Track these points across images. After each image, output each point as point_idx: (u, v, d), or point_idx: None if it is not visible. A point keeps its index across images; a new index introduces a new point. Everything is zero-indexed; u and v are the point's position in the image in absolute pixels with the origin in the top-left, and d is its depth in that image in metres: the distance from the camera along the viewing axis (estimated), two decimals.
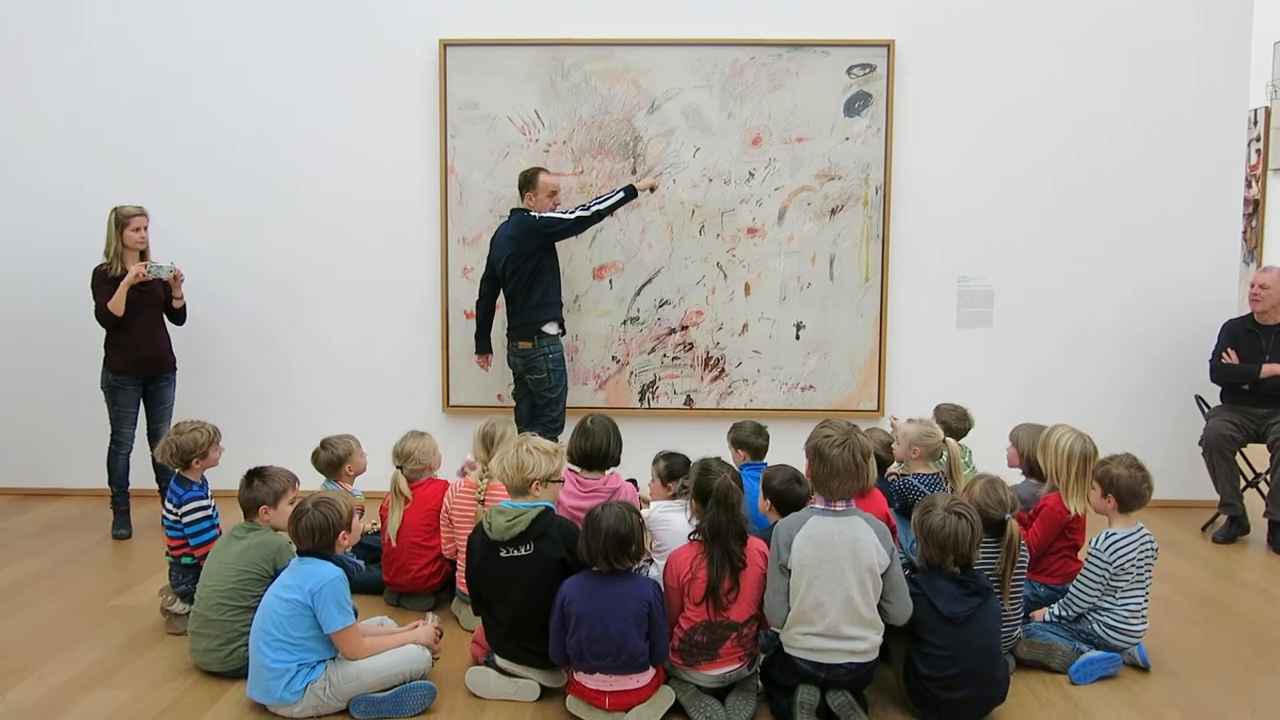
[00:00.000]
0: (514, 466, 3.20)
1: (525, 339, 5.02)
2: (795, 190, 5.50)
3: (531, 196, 5.02)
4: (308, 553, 3.10)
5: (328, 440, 4.18)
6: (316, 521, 3.07)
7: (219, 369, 5.64)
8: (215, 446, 3.86)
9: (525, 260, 4.94)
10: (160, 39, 5.51)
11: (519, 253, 4.94)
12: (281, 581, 3.08)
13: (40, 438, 5.73)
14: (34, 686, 3.23)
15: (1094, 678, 3.27)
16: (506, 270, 4.99)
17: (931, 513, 3.01)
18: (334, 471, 4.15)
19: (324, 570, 3.03)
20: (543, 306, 5.01)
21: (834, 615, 2.84)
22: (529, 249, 4.94)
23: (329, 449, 4.15)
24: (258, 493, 3.39)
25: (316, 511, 3.08)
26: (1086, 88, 5.46)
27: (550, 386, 5.05)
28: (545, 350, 5.02)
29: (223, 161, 5.57)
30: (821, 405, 5.57)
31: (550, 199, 5.06)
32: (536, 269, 4.96)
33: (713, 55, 5.43)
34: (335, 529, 3.10)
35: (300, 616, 2.99)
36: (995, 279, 5.59)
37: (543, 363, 5.02)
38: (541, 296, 5.00)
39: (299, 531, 3.10)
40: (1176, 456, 5.34)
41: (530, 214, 4.97)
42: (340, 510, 3.12)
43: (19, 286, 5.65)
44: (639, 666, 2.92)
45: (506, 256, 4.98)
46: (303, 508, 3.11)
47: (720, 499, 2.95)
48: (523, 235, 4.94)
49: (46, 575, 4.37)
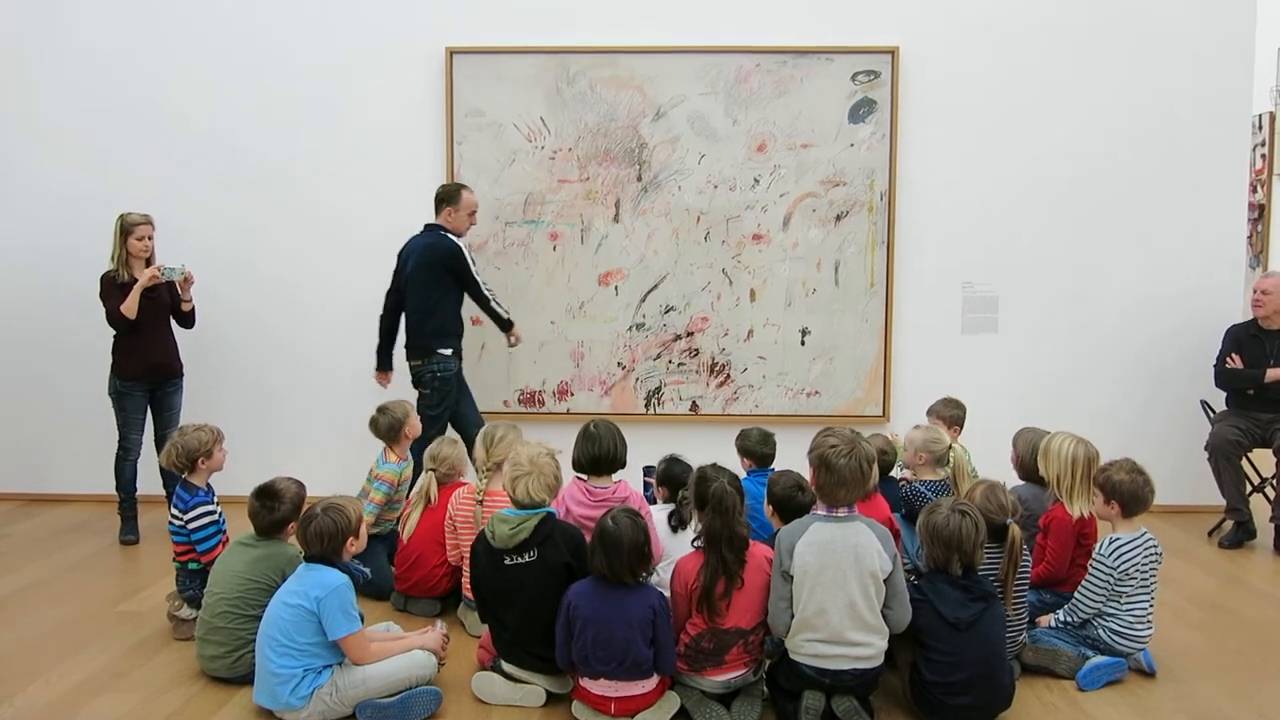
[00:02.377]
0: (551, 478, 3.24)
1: (417, 358, 4.94)
2: (800, 196, 5.51)
3: (452, 212, 4.93)
4: (314, 558, 3.11)
5: (384, 406, 4.34)
6: (325, 527, 3.08)
7: (225, 375, 5.65)
8: (219, 447, 3.88)
9: (432, 283, 4.86)
10: (166, 45, 5.54)
11: (431, 275, 4.86)
12: (288, 588, 3.09)
13: (48, 443, 5.75)
14: (41, 691, 3.24)
15: (1101, 683, 3.27)
16: (410, 288, 4.90)
17: (936, 513, 3.02)
18: (394, 435, 4.30)
19: (329, 577, 3.04)
20: (440, 334, 4.92)
21: (837, 621, 2.84)
22: (438, 274, 4.86)
23: (387, 414, 4.31)
24: (283, 513, 3.36)
25: (325, 517, 3.09)
26: (1091, 93, 5.46)
27: (431, 405, 4.90)
28: (434, 368, 4.90)
29: (229, 168, 5.60)
30: (827, 411, 5.58)
31: (470, 219, 5.01)
32: (442, 295, 4.89)
33: (718, 62, 5.45)
34: (344, 535, 3.11)
35: (306, 623, 3.00)
36: (1000, 284, 5.59)
37: (430, 380, 4.91)
38: (440, 324, 4.91)
39: (307, 536, 3.11)
40: (1182, 462, 5.33)
41: (457, 245, 4.88)
42: (349, 516, 3.13)
43: (26, 292, 5.68)
44: (644, 673, 2.93)
45: (412, 274, 4.89)
46: (311, 513, 3.13)
47: (716, 505, 2.95)
48: (435, 257, 4.85)
49: (54, 581, 4.38)
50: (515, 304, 5.56)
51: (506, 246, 5.57)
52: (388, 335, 5.18)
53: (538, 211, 5.54)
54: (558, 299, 5.59)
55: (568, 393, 5.65)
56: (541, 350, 5.62)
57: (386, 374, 5.24)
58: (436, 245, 4.88)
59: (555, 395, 5.65)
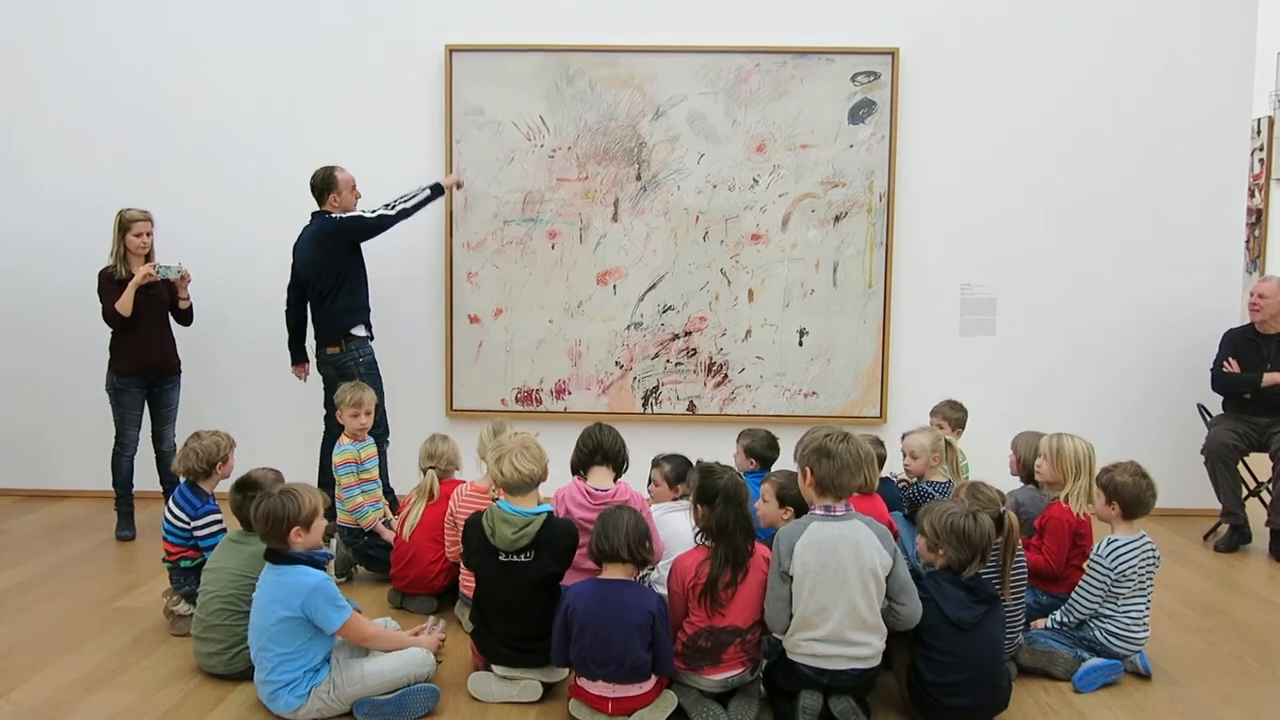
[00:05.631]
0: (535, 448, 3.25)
1: (333, 344, 4.89)
2: (799, 197, 5.52)
3: (335, 197, 4.88)
4: (274, 554, 3.02)
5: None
6: (272, 509, 2.98)
7: (222, 372, 5.65)
8: (233, 453, 3.87)
9: (328, 263, 4.82)
10: (165, 42, 5.54)
11: (322, 256, 4.82)
12: (269, 597, 2.99)
13: (44, 439, 5.75)
14: (38, 687, 3.23)
15: (1097, 685, 3.27)
16: (310, 274, 4.85)
17: (956, 515, 2.99)
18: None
19: (304, 578, 2.97)
20: (349, 311, 4.88)
21: (838, 620, 2.84)
22: (331, 250, 4.82)
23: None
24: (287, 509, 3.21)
25: (277, 499, 2.99)
26: (1090, 96, 5.47)
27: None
28: (355, 354, 4.88)
29: (228, 165, 5.59)
30: (824, 412, 5.58)
31: (352, 194, 4.95)
32: (341, 272, 4.84)
33: (718, 62, 5.45)
34: (290, 521, 2.99)
35: (300, 628, 2.97)
36: (998, 287, 5.60)
37: (354, 367, 4.86)
38: (347, 300, 4.87)
39: (256, 516, 3.01)
40: (1179, 465, 5.33)
41: (331, 215, 4.85)
42: (301, 505, 3.01)
43: (25, 288, 5.68)
44: (641, 676, 2.92)
45: (308, 260, 4.85)
46: (268, 491, 3.04)
47: (729, 496, 2.96)
48: (324, 238, 4.82)
49: (50, 577, 4.38)
50: (514, 302, 5.57)
51: (505, 245, 5.57)
52: (297, 329, 5.12)
53: (536, 210, 5.54)
54: (556, 298, 5.59)
55: (565, 391, 5.64)
56: (539, 349, 5.62)
57: (303, 366, 5.20)
58: (322, 225, 4.84)
59: (553, 394, 5.65)
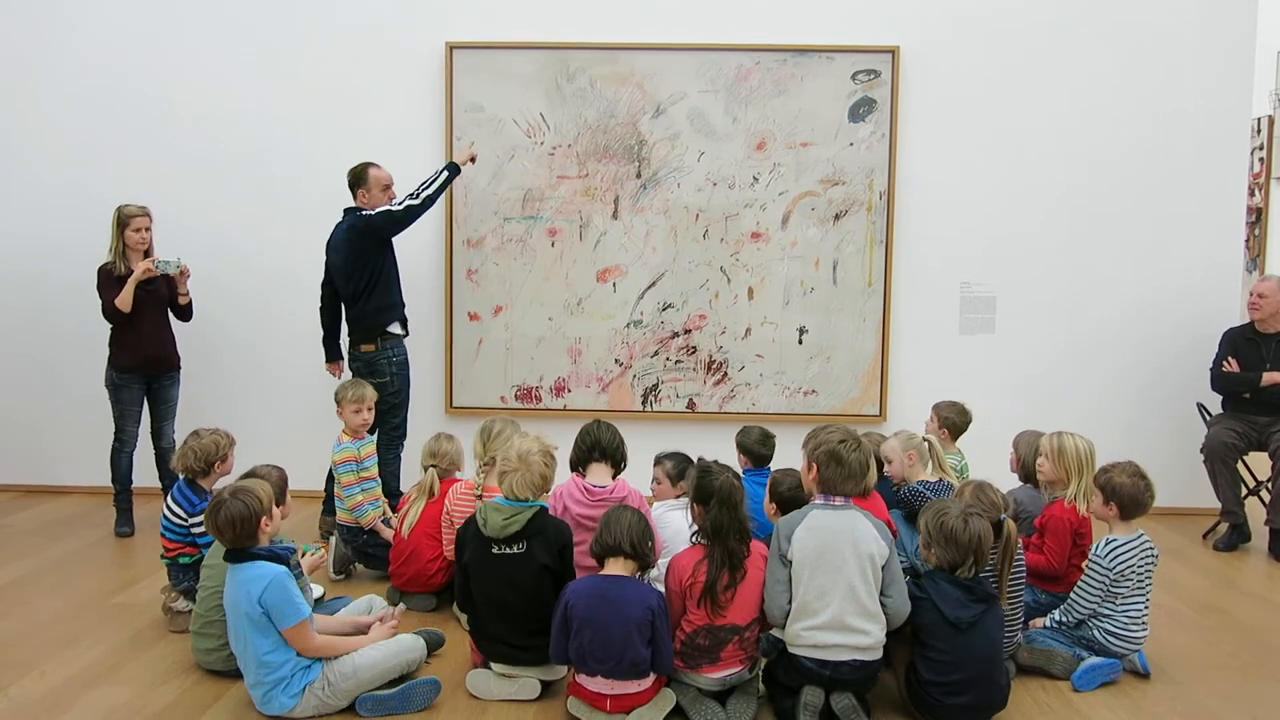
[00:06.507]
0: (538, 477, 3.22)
1: (368, 341, 4.85)
2: (799, 195, 5.51)
3: (365, 193, 4.88)
4: (234, 551, 3.00)
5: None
6: (235, 512, 2.95)
7: (224, 368, 5.65)
8: (232, 451, 3.87)
9: (360, 261, 4.79)
10: (166, 38, 5.54)
11: (355, 254, 4.79)
12: (235, 596, 2.97)
13: (43, 435, 5.74)
14: (36, 683, 3.23)
15: (1096, 684, 3.27)
16: (344, 273, 4.82)
17: (946, 515, 3.00)
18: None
19: (263, 571, 2.94)
20: (385, 308, 4.87)
21: (838, 604, 2.85)
22: (365, 248, 4.79)
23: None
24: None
25: (235, 501, 2.97)
26: (1090, 95, 5.47)
27: (393, 391, 4.89)
28: (389, 353, 4.87)
29: (228, 161, 5.59)
30: (824, 410, 5.58)
31: (384, 193, 4.92)
32: (376, 269, 4.82)
33: (718, 60, 5.45)
34: (257, 517, 2.98)
35: (266, 623, 2.94)
36: (998, 285, 5.60)
37: (385, 366, 4.86)
38: (382, 297, 4.85)
39: (218, 524, 2.97)
40: (1178, 464, 5.34)
41: (362, 212, 4.84)
42: (260, 497, 3.01)
43: (22, 284, 5.67)
44: (640, 673, 2.92)
45: (343, 259, 4.82)
46: (220, 498, 3.00)
47: (723, 498, 2.96)
48: (355, 236, 4.80)
49: (49, 572, 4.38)
50: (513, 300, 5.57)
51: (505, 242, 5.56)
52: (331, 327, 5.10)
53: (536, 207, 5.54)
54: (555, 295, 5.58)
55: (565, 389, 5.64)
56: (539, 346, 5.62)
57: (337, 364, 5.18)
58: (353, 222, 4.82)
59: (552, 392, 5.65)
